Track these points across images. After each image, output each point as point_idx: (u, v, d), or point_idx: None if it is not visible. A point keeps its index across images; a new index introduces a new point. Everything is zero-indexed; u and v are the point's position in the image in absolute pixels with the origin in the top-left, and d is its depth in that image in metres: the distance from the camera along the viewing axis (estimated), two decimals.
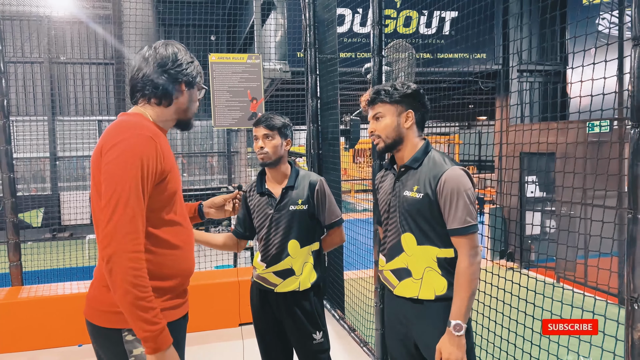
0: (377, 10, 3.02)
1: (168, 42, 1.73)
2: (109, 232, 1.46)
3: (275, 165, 2.46)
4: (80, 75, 12.41)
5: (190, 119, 1.81)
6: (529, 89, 8.60)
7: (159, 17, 8.79)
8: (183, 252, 1.70)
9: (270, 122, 2.42)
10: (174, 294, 1.69)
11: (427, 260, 1.95)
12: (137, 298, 1.45)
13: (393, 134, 1.99)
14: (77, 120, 12.21)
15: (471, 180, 1.91)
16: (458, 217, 1.85)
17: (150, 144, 1.55)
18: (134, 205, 1.48)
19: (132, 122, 1.61)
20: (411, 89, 1.99)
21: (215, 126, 4.92)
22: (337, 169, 4.44)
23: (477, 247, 1.88)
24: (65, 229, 11.06)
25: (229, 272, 4.72)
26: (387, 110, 1.99)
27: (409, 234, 1.97)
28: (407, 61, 4.38)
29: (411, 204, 1.95)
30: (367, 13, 8.10)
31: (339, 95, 4.36)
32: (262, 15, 7.66)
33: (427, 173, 1.92)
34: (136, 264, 1.46)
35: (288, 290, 2.45)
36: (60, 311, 4.07)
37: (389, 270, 2.08)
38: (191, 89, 1.75)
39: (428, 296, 1.94)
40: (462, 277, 1.85)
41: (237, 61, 4.90)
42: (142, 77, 1.67)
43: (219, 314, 4.33)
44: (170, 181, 1.64)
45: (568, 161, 3.92)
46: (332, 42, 4.38)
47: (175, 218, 1.68)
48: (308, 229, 2.48)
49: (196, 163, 13.04)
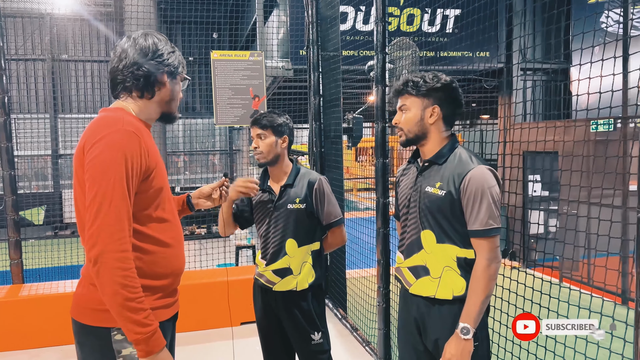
0: (380, 7, 2.99)
1: (147, 32, 1.68)
2: (95, 232, 1.42)
3: (273, 164, 2.44)
4: (82, 72, 12.40)
5: (174, 112, 1.77)
6: (532, 87, 8.55)
7: (160, 15, 8.76)
8: (174, 250, 1.67)
9: (263, 120, 2.40)
10: (165, 292, 1.66)
11: (446, 259, 1.88)
12: (127, 299, 1.41)
13: (415, 128, 1.91)
14: (79, 118, 12.19)
15: (498, 181, 1.83)
16: (480, 218, 1.78)
17: (133, 140, 1.51)
18: (119, 204, 1.44)
19: (114, 117, 1.56)
20: (441, 82, 1.89)
21: (217, 124, 4.89)
22: (339, 167, 4.41)
23: (497, 251, 1.81)
24: (67, 226, 11.08)
25: (218, 272, 4.70)
26: (413, 103, 1.91)
27: (428, 231, 1.90)
28: (410, 59, 4.34)
29: (432, 200, 1.88)
30: (370, 10, 8.06)
31: (341, 93, 4.33)
32: (264, 12, 7.63)
33: (452, 170, 1.85)
34: (124, 263, 1.42)
35: (286, 290, 2.43)
36: (61, 309, 4.03)
37: (407, 268, 2.00)
38: (174, 80, 1.71)
39: (446, 296, 1.87)
40: (478, 280, 1.79)
41: (239, 58, 4.87)
42: (122, 68, 1.63)
43: (209, 314, 4.32)
44: (156, 177, 1.60)
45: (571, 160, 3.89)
46: (334, 40, 4.34)
47: (164, 215, 1.64)
48: (306, 228, 2.44)
49: (198, 161, 13.02)
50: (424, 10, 8.24)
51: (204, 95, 11.76)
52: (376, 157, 3.07)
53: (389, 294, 3.13)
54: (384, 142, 3.04)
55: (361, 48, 7.30)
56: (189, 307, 4.18)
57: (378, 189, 3.09)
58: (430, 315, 1.92)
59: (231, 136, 12.85)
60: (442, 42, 8.33)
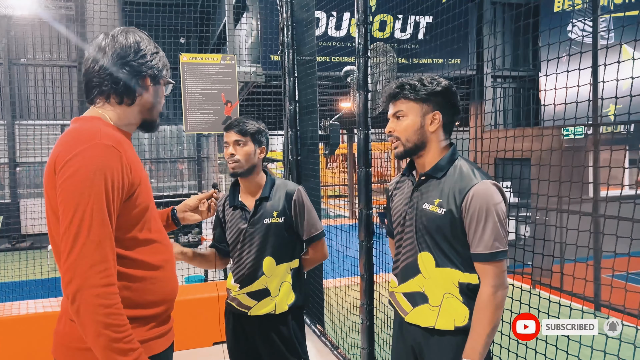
0: (362, 10, 2.85)
1: (129, 30, 1.48)
2: (72, 266, 1.23)
3: (248, 175, 2.23)
4: (42, 77, 11.90)
5: (156, 119, 1.57)
6: (503, 96, 8.63)
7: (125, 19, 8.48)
8: (165, 273, 1.48)
9: (243, 126, 2.20)
10: (159, 321, 1.47)
11: (447, 285, 1.68)
12: (112, 340, 1.23)
13: (415, 137, 1.71)
14: (39, 125, 11.68)
15: (504, 196, 1.65)
16: (485, 240, 1.60)
17: (113, 155, 1.32)
18: (99, 230, 1.26)
19: (89, 129, 1.36)
20: (441, 86, 1.70)
21: (187, 131, 4.66)
22: (316, 175, 4.25)
23: (504, 276, 1.63)
24: (25, 238, 10.56)
25: (206, 287, 4.45)
26: (411, 108, 1.71)
27: (427, 253, 1.71)
28: (388, 65, 4.24)
29: (431, 219, 1.68)
30: (342, 16, 7.98)
31: (317, 99, 4.18)
32: (234, 16, 7.43)
33: (452, 185, 1.66)
34: (106, 299, 1.24)
35: (263, 314, 2.23)
36: (19, 334, 3.72)
37: (402, 294, 1.80)
38: (157, 84, 1.52)
39: (447, 326, 1.67)
40: (483, 310, 1.60)
41: (210, 62, 4.66)
42: (98, 70, 1.42)
43: (197, 331, 4.05)
44: (141, 195, 1.41)
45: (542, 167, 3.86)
46: (310, 44, 4.20)
47: (151, 236, 1.46)
48: (285, 244, 2.26)
49: (165, 170, 12.65)
50: (396, 17, 8.21)
51: (172, 101, 11.46)
52: (359, 166, 2.92)
53: (372, 311, 2.98)
54: (367, 151, 2.89)
55: (334, 54, 7.20)
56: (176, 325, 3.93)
57: (361, 200, 2.94)
58: (430, 347, 1.72)
59: (199, 143, 12.55)
60: (414, 50, 8.31)
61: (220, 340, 3.95)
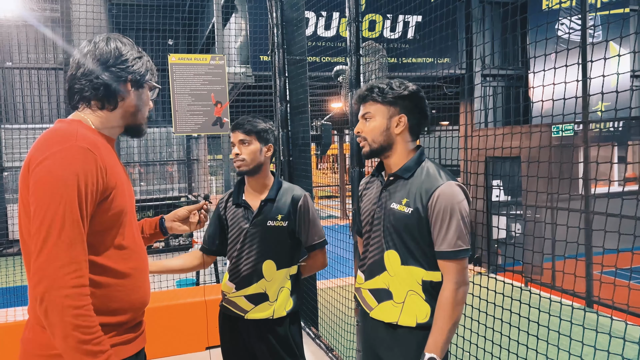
0: (353, 7, 2.83)
1: (110, 36, 1.50)
2: (41, 266, 1.22)
3: (255, 174, 2.20)
4: (29, 80, 11.75)
5: (141, 125, 1.57)
6: (493, 94, 8.66)
7: (112, 21, 8.40)
8: (133, 281, 1.46)
9: (247, 125, 2.17)
10: (124, 329, 1.45)
11: (410, 283, 1.75)
12: (81, 342, 1.21)
13: (380, 138, 1.79)
14: (25, 128, 11.52)
15: (467, 197, 1.72)
16: (448, 239, 1.67)
17: (87, 157, 1.32)
18: (70, 231, 1.25)
19: (66, 131, 1.37)
20: (409, 90, 1.78)
21: (177, 132, 4.60)
22: (308, 176, 4.21)
23: (466, 273, 1.70)
24: (12, 244, 10.41)
25: (193, 291, 4.39)
26: (378, 110, 1.78)
27: (393, 251, 1.77)
28: (378, 64, 4.21)
29: (398, 218, 1.75)
30: (332, 15, 7.95)
31: (308, 99, 4.15)
32: (222, 17, 7.38)
33: (419, 186, 1.73)
34: (75, 301, 1.22)
35: (260, 318, 2.19)
36: (7, 342, 3.64)
37: (367, 290, 1.87)
38: (140, 89, 1.52)
39: (408, 323, 1.75)
40: (444, 306, 1.67)
41: (199, 62, 4.61)
42: (80, 76, 1.44)
43: (185, 337, 3.99)
44: (116, 198, 1.40)
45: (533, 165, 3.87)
46: (301, 43, 4.16)
47: (123, 242, 1.44)
48: (287, 249, 2.23)
49: (154, 172, 12.53)
50: (385, 16, 8.20)
51: (160, 102, 11.38)
52: (352, 165, 2.89)
53: None
54: (359, 150, 2.86)
55: (323, 54, 7.17)
56: (162, 330, 3.87)
57: (354, 200, 2.91)
58: (391, 342, 1.79)
59: (189, 145, 12.46)
60: (403, 49, 8.31)
61: (211, 345, 3.91)
